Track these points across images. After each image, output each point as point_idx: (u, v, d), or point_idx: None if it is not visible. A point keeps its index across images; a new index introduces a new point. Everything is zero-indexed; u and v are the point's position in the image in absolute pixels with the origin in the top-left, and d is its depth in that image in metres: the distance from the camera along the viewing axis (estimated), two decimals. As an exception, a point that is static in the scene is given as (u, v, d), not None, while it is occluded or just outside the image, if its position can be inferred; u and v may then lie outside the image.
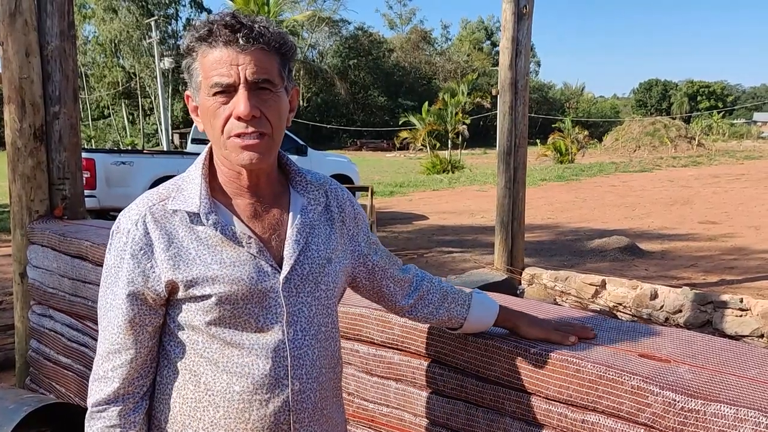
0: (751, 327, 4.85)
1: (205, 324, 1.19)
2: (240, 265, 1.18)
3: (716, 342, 1.52)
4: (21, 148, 3.24)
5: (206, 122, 1.19)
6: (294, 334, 1.22)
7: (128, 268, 1.19)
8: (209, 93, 1.15)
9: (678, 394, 1.26)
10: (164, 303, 1.21)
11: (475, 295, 1.52)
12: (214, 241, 1.19)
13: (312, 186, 1.30)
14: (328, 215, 1.33)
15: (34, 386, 3.34)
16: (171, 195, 1.22)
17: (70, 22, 3.33)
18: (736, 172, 19.74)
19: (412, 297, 1.47)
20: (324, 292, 1.27)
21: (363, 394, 1.86)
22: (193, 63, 1.18)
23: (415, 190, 17.68)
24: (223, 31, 1.13)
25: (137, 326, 1.20)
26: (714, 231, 10.03)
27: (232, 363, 1.19)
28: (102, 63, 48.75)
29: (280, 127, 1.20)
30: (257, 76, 1.13)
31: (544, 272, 6.21)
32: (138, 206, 1.22)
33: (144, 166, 9.53)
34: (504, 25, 6.17)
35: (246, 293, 1.18)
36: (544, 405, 1.46)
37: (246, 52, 1.13)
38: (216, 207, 1.21)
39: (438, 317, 1.49)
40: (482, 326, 1.54)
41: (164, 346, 1.24)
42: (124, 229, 1.21)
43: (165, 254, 1.18)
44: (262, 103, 1.15)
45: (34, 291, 3.25)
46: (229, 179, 1.23)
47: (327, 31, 54.70)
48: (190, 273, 1.17)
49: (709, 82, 72.88)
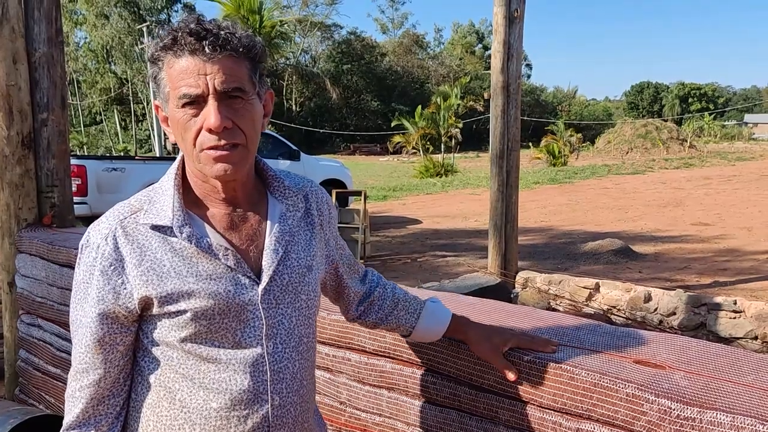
0: (745, 329, 4.84)
1: (179, 340, 1.15)
2: (217, 279, 1.14)
3: (711, 348, 1.50)
4: (9, 156, 3.21)
5: (177, 134, 1.14)
6: (273, 347, 1.18)
7: (98, 285, 1.14)
8: (178, 105, 1.10)
9: (674, 401, 1.24)
10: (137, 319, 1.17)
11: (428, 304, 1.50)
12: (189, 253, 1.15)
13: (290, 191, 1.26)
14: (309, 219, 1.29)
15: (24, 396, 3.30)
16: (143, 207, 1.17)
17: (58, 29, 3.30)
18: (727, 174, 19.82)
19: (363, 304, 1.47)
20: (305, 302, 1.24)
21: (355, 403, 1.84)
22: (160, 73, 1.12)
23: (409, 194, 17.67)
24: (188, 39, 1.07)
25: (107, 345, 1.16)
26: (706, 233, 10.05)
27: (208, 379, 1.15)
28: (94, 69, 48.60)
29: (255, 135, 1.15)
30: (227, 85, 1.09)
31: (537, 276, 6.20)
32: (108, 219, 1.18)
33: (136, 172, 9.48)
34: (495, 29, 6.16)
35: (223, 308, 1.14)
36: (538, 413, 1.44)
37: (213, 61, 1.08)
38: (190, 219, 1.16)
39: (386, 324, 1.49)
40: (432, 336, 1.53)
41: (138, 362, 1.20)
42: (94, 243, 1.16)
43: (137, 269, 1.13)
44: (234, 113, 1.10)
45: (22, 300, 3.21)
46: (204, 191, 1.19)
47: (319, 35, 54.78)
48: (165, 288, 1.12)
49: (701, 84, 73.27)
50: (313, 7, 53.97)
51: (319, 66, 54.78)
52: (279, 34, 36.85)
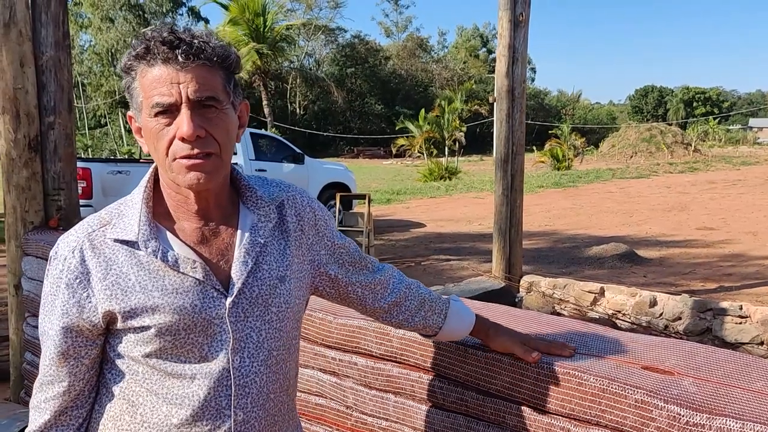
0: (751, 334, 4.83)
1: (144, 355, 1.14)
2: (183, 293, 1.13)
3: (719, 353, 1.50)
4: (15, 159, 3.22)
5: (150, 144, 1.13)
6: (240, 362, 1.16)
7: (63, 298, 1.14)
8: (150, 114, 1.09)
9: (683, 408, 1.24)
10: (102, 333, 1.16)
11: (452, 303, 1.49)
12: (155, 267, 1.13)
13: (263, 201, 1.23)
14: (283, 228, 1.26)
15: (29, 399, 3.31)
16: (112, 221, 1.17)
17: (65, 32, 3.31)
18: (732, 178, 19.78)
19: (387, 300, 1.42)
20: (275, 314, 1.21)
21: (361, 408, 1.84)
22: (133, 83, 1.11)
23: (413, 198, 17.67)
24: (161, 48, 1.06)
25: (71, 359, 1.15)
26: (712, 237, 10.02)
27: (172, 394, 1.14)
28: (98, 72, 48.79)
29: (228, 145, 1.14)
30: (200, 94, 1.07)
31: (542, 280, 6.19)
32: (77, 232, 1.17)
33: (141, 175, 9.35)
34: (500, 33, 6.17)
35: (189, 323, 1.12)
36: (546, 419, 1.44)
37: (186, 69, 1.07)
38: (158, 232, 1.15)
39: (413, 324, 1.46)
40: (456, 336, 1.51)
41: (104, 374, 1.20)
42: (61, 256, 1.15)
43: (102, 283, 1.12)
44: (207, 122, 1.09)
45: (28, 303, 3.22)
46: (175, 203, 1.17)
47: (323, 39, 54.85)
48: (129, 303, 1.11)
49: (705, 89, 73.12)
50: (317, 10, 54.16)
51: (323, 69, 54.87)
52: (283, 38, 36.97)
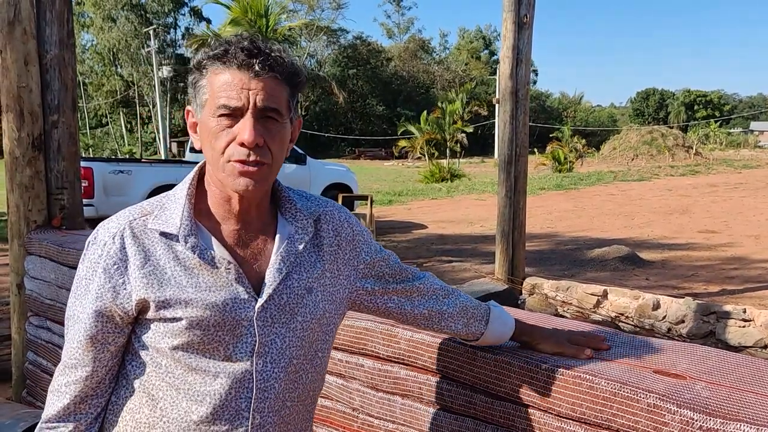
0: (754, 337, 4.81)
1: (171, 348, 1.14)
2: (216, 291, 1.15)
3: (731, 357, 1.49)
4: (19, 158, 3.21)
5: (205, 141, 1.15)
6: (263, 365, 1.17)
7: (99, 282, 1.15)
8: (214, 113, 1.12)
9: (696, 412, 1.23)
10: (132, 322, 1.17)
11: (492, 309, 1.49)
12: (192, 263, 1.15)
13: (301, 214, 1.26)
14: (316, 242, 1.27)
15: (31, 399, 3.30)
16: (154, 212, 1.19)
17: (70, 31, 3.30)
18: (734, 181, 19.75)
19: (426, 306, 1.42)
20: (300, 323, 1.22)
21: (368, 410, 1.82)
22: (201, 79, 1.15)
23: (414, 199, 17.65)
24: (240, 54, 1.11)
25: (99, 344, 1.17)
26: (713, 240, 10.01)
27: (194, 390, 1.15)
28: (100, 71, 48.87)
29: (280, 157, 1.17)
30: (266, 104, 1.11)
31: (545, 282, 6.18)
32: (119, 219, 1.19)
33: (142, 175, 9.51)
34: (504, 35, 6.16)
35: (219, 320, 1.14)
36: (556, 423, 1.43)
37: (259, 78, 1.11)
38: (198, 230, 1.17)
39: (455, 331, 1.47)
40: (498, 341, 1.51)
41: (124, 365, 1.21)
42: (101, 241, 1.17)
43: (140, 271, 1.14)
44: (267, 132, 1.12)
45: (31, 302, 3.21)
46: (218, 202, 1.20)
47: (325, 40, 54.92)
48: (164, 293, 1.13)
49: (706, 92, 73.10)
50: (320, 11, 54.21)
51: (325, 70, 54.88)
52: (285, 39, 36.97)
